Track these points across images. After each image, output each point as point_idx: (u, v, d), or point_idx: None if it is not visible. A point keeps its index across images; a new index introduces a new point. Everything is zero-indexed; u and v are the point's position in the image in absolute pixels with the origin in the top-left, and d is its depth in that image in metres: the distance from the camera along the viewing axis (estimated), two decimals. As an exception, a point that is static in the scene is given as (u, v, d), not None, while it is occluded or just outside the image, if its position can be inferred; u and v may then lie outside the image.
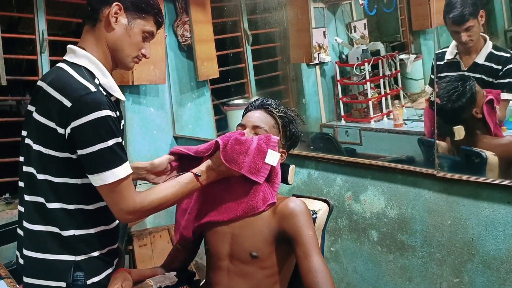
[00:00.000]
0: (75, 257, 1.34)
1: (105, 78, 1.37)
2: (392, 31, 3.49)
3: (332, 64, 3.45)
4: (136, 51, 1.42)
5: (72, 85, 1.28)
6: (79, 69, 1.33)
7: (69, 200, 1.33)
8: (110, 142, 1.27)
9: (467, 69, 2.16)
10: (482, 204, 1.85)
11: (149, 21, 1.42)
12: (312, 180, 2.50)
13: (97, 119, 1.25)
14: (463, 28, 2.10)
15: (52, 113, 1.29)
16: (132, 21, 1.39)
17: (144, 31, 1.41)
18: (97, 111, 1.25)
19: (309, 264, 1.30)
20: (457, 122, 2.08)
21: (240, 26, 3.52)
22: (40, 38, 2.81)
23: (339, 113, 3.39)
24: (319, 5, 3.46)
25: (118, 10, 1.36)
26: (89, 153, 1.26)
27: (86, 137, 1.26)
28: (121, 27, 1.38)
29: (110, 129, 1.28)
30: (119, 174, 1.28)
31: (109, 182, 1.27)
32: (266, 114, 1.53)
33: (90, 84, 1.29)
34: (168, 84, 3.35)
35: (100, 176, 1.27)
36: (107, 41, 1.38)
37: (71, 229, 1.34)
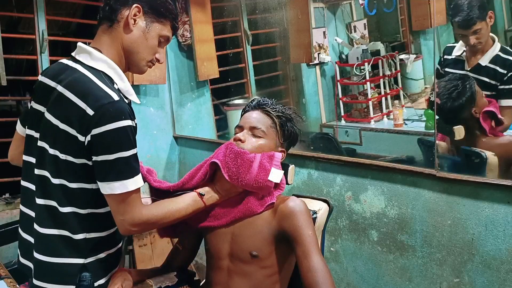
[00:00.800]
0: (84, 260, 1.35)
1: (123, 82, 1.37)
2: (392, 31, 3.49)
3: (332, 64, 3.46)
4: (151, 55, 1.41)
5: (95, 92, 1.27)
6: (98, 75, 1.32)
7: (82, 205, 1.33)
8: (127, 153, 1.27)
9: (470, 69, 2.13)
10: (482, 204, 1.85)
11: (166, 26, 1.41)
12: (312, 180, 2.50)
13: (118, 128, 1.25)
14: (471, 32, 2.05)
15: (73, 120, 1.27)
16: (150, 24, 1.38)
17: (160, 36, 1.41)
18: (119, 121, 1.25)
19: (309, 264, 1.30)
20: (457, 122, 2.08)
21: (240, 26, 3.52)
22: (40, 38, 2.81)
23: (339, 113, 3.39)
24: (319, 5, 3.46)
25: (137, 12, 1.36)
26: (104, 161, 1.26)
27: (104, 145, 1.26)
28: (139, 30, 1.37)
29: (129, 140, 1.28)
30: (128, 187, 1.27)
31: (117, 192, 1.27)
32: (263, 115, 1.53)
33: (113, 92, 1.28)
34: (168, 84, 3.36)
35: (109, 185, 1.27)
36: (123, 42, 1.37)
37: (82, 232, 1.34)
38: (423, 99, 3.16)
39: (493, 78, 2.04)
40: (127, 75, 1.44)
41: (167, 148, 3.41)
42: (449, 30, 2.93)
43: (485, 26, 2.04)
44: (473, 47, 2.09)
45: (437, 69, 2.41)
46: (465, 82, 2.05)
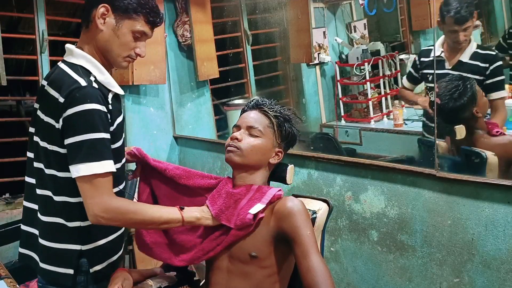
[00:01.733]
0: (81, 246, 1.40)
1: (102, 75, 1.40)
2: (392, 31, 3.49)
3: (332, 64, 3.46)
4: (127, 51, 1.43)
5: (65, 81, 1.34)
6: (75, 68, 1.38)
7: (72, 194, 1.37)
8: (94, 135, 1.29)
9: (452, 67, 2.23)
10: (482, 204, 1.85)
11: (139, 21, 1.41)
12: (312, 180, 2.51)
13: (84, 111, 1.28)
14: (463, 28, 2.15)
15: (51, 110, 1.34)
16: (120, 21, 1.39)
17: (133, 31, 1.41)
18: (84, 104, 1.29)
19: (308, 264, 1.30)
20: (458, 122, 2.08)
21: (240, 26, 3.52)
22: (40, 38, 2.81)
23: (339, 113, 3.39)
24: (319, 5, 3.46)
25: (105, 11, 1.38)
26: (71, 143, 1.30)
27: (71, 127, 1.30)
28: (108, 28, 1.39)
29: (96, 123, 1.30)
30: (93, 169, 1.28)
31: (81, 174, 1.28)
32: (261, 114, 1.53)
33: (82, 79, 1.33)
34: (168, 84, 3.36)
35: (76, 167, 1.29)
36: (96, 42, 1.41)
37: (77, 220, 1.39)
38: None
39: (477, 73, 2.12)
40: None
41: (167, 148, 3.41)
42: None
43: (472, 24, 2.17)
44: (460, 44, 2.19)
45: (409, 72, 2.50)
46: (466, 82, 2.06)
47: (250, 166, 1.49)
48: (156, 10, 1.43)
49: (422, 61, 2.41)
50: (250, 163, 1.48)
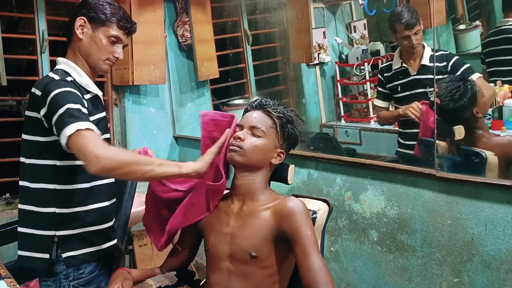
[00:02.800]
0: (55, 232, 1.54)
1: (81, 77, 1.59)
2: (392, 31, 3.48)
3: (332, 64, 3.46)
4: (105, 54, 1.61)
5: (44, 80, 1.53)
6: (55, 71, 1.58)
7: (50, 180, 1.53)
8: (69, 106, 1.41)
9: (416, 72, 2.41)
10: (482, 204, 1.85)
11: (112, 27, 1.59)
12: (312, 180, 2.51)
13: (59, 92, 1.44)
14: (413, 32, 2.36)
15: (33, 105, 1.52)
16: (96, 29, 1.59)
17: (108, 36, 1.60)
18: (59, 88, 1.45)
19: (308, 264, 1.30)
20: (458, 122, 2.08)
21: (240, 26, 3.52)
22: (40, 38, 2.81)
23: (339, 113, 3.40)
24: (319, 5, 3.46)
25: (83, 23, 1.58)
26: (55, 120, 1.42)
27: (52, 108, 1.44)
28: (87, 36, 1.59)
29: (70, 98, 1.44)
30: (76, 126, 1.37)
31: (67, 135, 1.37)
32: (264, 115, 1.53)
33: (57, 76, 1.52)
34: (168, 84, 3.36)
35: (62, 134, 1.39)
36: (79, 50, 1.60)
37: (51, 206, 1.53)
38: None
39: (439, 73, 2.25)
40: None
41: (167, 148, 3.41)
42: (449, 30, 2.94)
43: (420, 28, 2.38)
44: (413, 48, 2.39)
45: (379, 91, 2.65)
46: (467, 83, 2.07)
47: (251, 165, 1.49)
48: (126, 18, 1.64)
49: (386, 76, 2.55)
50: (251, 163, 1.48)
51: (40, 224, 1.54)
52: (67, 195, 1.54)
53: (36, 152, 1.54)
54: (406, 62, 2.44)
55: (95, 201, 1.60)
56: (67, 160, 1.52)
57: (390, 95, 2.56)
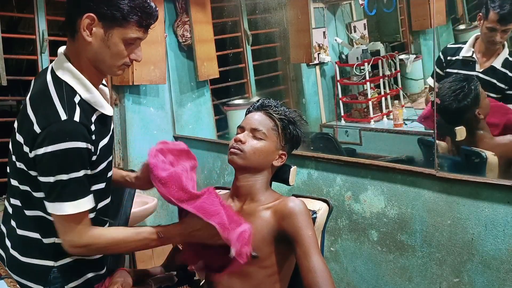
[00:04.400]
0: (54, 262, 1.35)
1: (89, 93, 1.30)
2: (392, 31, 3.48)
3: (332, 64, 3.45)
4: (120, 60, 1.31)
5: (45, 108, 1.24)
6: (59, 86, 1.27)
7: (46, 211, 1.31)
8: (67, 176, 1.22)
9: (482, 71, 2.13)
10: (482, 204, 1.85)
11: (131, 28, 1.27)
12: (312, 180, 2.51)
13: (59, 151, 1.20)
14: (502, 29, 2.04)
15: (24, 133, 1.27)
16: (109, 31, 1.26)
17: (125, 39, 1.28)
18: (61, 143, 1.20)
19: (309, 264, 1.30)
20: (459, 123, 2.08)
21: (240, 26, 3.52)
22: (40, 38, 2.81)
23: (339, 113, 3.39)
24: (319, 5, 3.46)
25: (91, 21, 1.24)
26: (45, 182, 1.24)
27: (44, 167, 1.23)
28: (97, 39, 1.26)
29: (69, 163, 1.22)
30: (66, 210, 1.24)
31: (56, 213, 1.25)
32: (266, 117, 1.52)
33: (63, 110, 1.23)
34: (168, 84, 3.36)
35: (49, 204, 1.25)
36: (86, 54, 1.29)
37: (52, 236, 1.33)
38: (423, 99, 3.16)
39: (503, 82, 2.05)
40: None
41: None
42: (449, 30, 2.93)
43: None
44: (493, 45, 2.08)
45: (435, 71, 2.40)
46: (471, 84, 2.05)
47: (252, 168, 1.49)
48: (148, 11, 1.29)
49: (449, 59, 2.28)
50: (253, 166, 1.48)
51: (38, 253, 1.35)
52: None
53: (30, 182, 1.30)
54: (478, 54, 2.14)
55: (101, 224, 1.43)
56: None
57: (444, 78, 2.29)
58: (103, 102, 1.34)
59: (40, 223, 1.33)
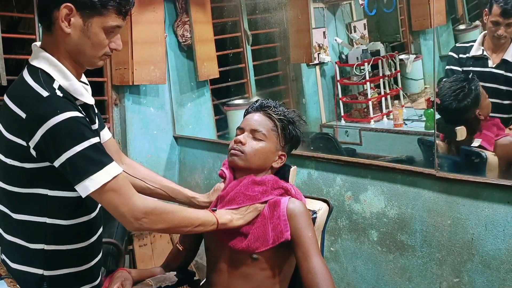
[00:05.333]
0: (43, 271, 1.28)
1: (67, 81, 1.24)
2: (392, 31, 3.49)
3: (332, 64, 3.45)
4: (101, 50, 1.26)
5: (24, 93, 1.20)
6: (35, 73, 1.23)
7: (36, 213, 1.25)
8: (79, 147, 1.15)
9: (495, 66, 2.16)
10: (482, 204, 1.85)
11: (110, 16, 1.23)
12: (312, 180, 2.51)
13: (55, 126, 1.14)
14: (506, 22, 2.08)
15: (12, 126, 1.21)
16: (88, 20, 1.22)
17: (105, 28, 1.24)
18: (52, 117, 1.14)
19: (309, 265, 1.30)
20: (460, 123, 2.08)
21: (240, 26, 3.52)
22: (40, 38, 2.80)
23: (339, 113, 3.39)
24: (319, 5, 3.46)
25: (68, 11, 1.20)
26: (62, 164, 1.16)
27: (52, 149, 1.16)
28: (76, 30, 1.22)
29: (75, 133, 1.16)
30: (100, 180, 1.16)
31: (92, 190, 1.17)
32: (265, 117, 1.51)
33: (42, 89, 1.18)
34: (168, 84, 3.36)
35: (80, 187, 1.17)
36: (65, 46, 1.24)
37: (40, 242, 1.27)
38: (423, 99, 3.16)
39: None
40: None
41: (167, 148, 3.41)
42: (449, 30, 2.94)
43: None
44: (497, 40, 2.12)
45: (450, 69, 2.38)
46: (471, 84, 2.06)
47: (253, 169, 1.49)
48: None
49: (461, 57, 2.31)
50: (253, 167, 1.48)
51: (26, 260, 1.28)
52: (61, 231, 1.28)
53: (19, 179, 1.23)
54: (488, 50, 2.18)
55: (95, 233, 1.37)
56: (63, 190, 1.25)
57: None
58: (83, 91, 1.28)
59: (26, 227, 1.26)
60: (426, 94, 3.15)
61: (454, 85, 2.07)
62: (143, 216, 1.22)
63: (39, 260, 1.28)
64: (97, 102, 3.27)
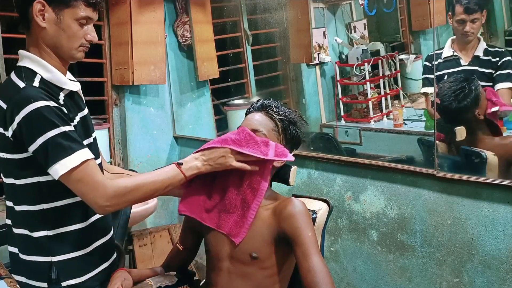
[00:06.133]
0: (51, 257, 1.34)
1: (49, 73, 1.33)
2: (392, 31, 3.49)
3: (332, 64, 3.46)
4: (77, 41, 1.34)
5: (7, 88, 1.31)
6: (18, 71, 1.33)
7: (32, 201, 1.33)
8: (51, 133, 1.23)
9: (468, 63, 2.26)
10: (482, 204, 1.85)
11: (79, 7, 1.31)
12: (312, 180, 2.51)
13: (29, 113, 1.22)
14: (471, 18, 2.21)
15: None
16: (60, 13, 1.30)
17: (77, 19, 1.32)
18: (28, 105, 1.23)
19: (309, 265, 1.30)
20: (459, 123, 2.08)
21: (240, 26, 3.52)
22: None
23: (339, 113, 3.40)
24: (319, 5, 3.46)
25: (41, 7, 1.29)
26: (35, 150, 1.25)
27: (27, 134, 1.24)
28: (50, 24, 1.31)
29: (47, 120, 1.23)
30: (68, 165, 1.23)
31: (61, 174, 1.23)
32: (266, 117, 1.51)
33: (20, 81, 1.28)
34: (168, 84, 3.36)
35: (51, 170, 1.24)
36: (43, 40, 1.33)
37: (42, 230, 1.33)
38: (423, 99, 3.16)
39: (489, 67, 2.19)
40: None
41: (167, 148, 3.41)
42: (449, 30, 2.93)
43: (481, 19, 2.22)
44: (465, 37, 2.25)
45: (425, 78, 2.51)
46: (471, 84, 2.06)
47: None
48: None
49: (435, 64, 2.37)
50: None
51: (33, 249, 1.35)
52: (59, 214, 1.35)
53: (10, 170, 1.33)
54: (458, 51, 2.31)
55: (93, 214, 1.41)
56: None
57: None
58: (65, 79, 1.36)
59: (28, 217, 1.33)
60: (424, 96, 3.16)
61: (454, 85, 2.07)
62: (106, 202, 1.27)
63: (45, 247, 1.34)
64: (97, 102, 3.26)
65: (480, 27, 2.25)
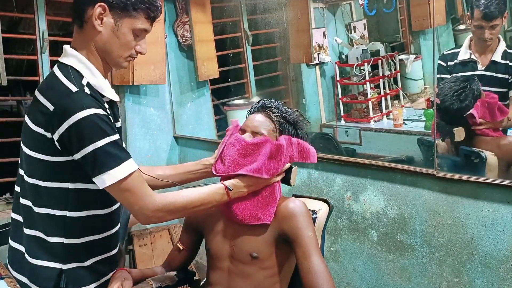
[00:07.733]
0: (62, 265, 1.32)
1: (95, 78, 1.31)
2: (392, 31, 3.49)
3: (332, 64, 3.46)
4: (128, 51, 1.35)
5: (54, 87, 1.27)
6: (65, 69, 1.30)
7: (56, 206, 1.30)
8: (100, 143, 1.22)
9: (485, 68, 2.15)
10: (482, 204, 1.85)
11: (139, 18, 1.31)
12: (312, 180, 2.51)
13: (80, 120, 1.20)
14: (490, 25, 2.07)
15: (39, 118, 1.27)
16: (119, 20, 1.30)
17: (134, 30, 1.32)
18: (79, 112, 1.20)
19: (309, 265, 1.30)
20: (459, 123, 2.08)
21: (240, 26, 3.52)
22: (41, 38, 2.81)
23: (339, 113, 3.39)
24: (319, 5, 3.46)
25: (102, 11, 1.28)
26: (83, 157, 1.23)
27: (75, 141, 1.22)
28: (107, 29, 1.30)
29: (98, 129, 1.22)
30: (117, 176, 1.23)
31: (108, 184, 1.23)
32: (266, 118, 1.51)
33: (72, 84, 1.25)
34: (168, 84, 3.36)
35: (98, 179, 1.23)
36: (94, 43, 1.32)
37: (59, 236, 1.31)
38: (422, 99, 3.16)
39: (505, 73, 2.08)
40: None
41: (167, 148, 3.41)
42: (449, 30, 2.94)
43: (501, 23, 2.08)
44: (484, 42, 2.11)
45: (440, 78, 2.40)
46: (472, 84, 2.05)
47: None
48: (155, 3, 1.34)
49: (450, 64, 2.31)
50: None
51: (44, 254, 1.32)
52: (80, 224, 1.32)
53: (42, 172, 1.29)
54: (476, 53, 2.16)
55: (111, 227, 1.41)
56: (84, 183, 1.30)
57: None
58: (108, 87, 1.35)
59: (47, 221, 1.31)
60: (426, 94, 3.15)
61: (456, 86, 2.07)
62: (152, 214, 1.29)
63: (58, 254, 1.32)
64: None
65: (499, 31, 2.11)
